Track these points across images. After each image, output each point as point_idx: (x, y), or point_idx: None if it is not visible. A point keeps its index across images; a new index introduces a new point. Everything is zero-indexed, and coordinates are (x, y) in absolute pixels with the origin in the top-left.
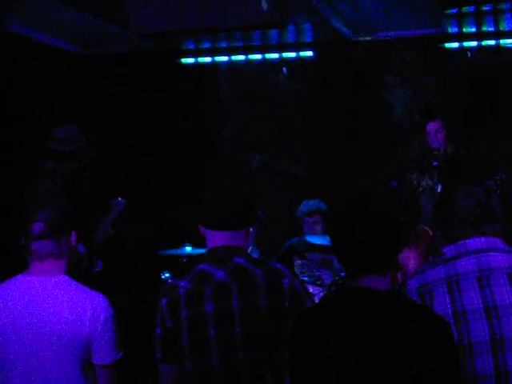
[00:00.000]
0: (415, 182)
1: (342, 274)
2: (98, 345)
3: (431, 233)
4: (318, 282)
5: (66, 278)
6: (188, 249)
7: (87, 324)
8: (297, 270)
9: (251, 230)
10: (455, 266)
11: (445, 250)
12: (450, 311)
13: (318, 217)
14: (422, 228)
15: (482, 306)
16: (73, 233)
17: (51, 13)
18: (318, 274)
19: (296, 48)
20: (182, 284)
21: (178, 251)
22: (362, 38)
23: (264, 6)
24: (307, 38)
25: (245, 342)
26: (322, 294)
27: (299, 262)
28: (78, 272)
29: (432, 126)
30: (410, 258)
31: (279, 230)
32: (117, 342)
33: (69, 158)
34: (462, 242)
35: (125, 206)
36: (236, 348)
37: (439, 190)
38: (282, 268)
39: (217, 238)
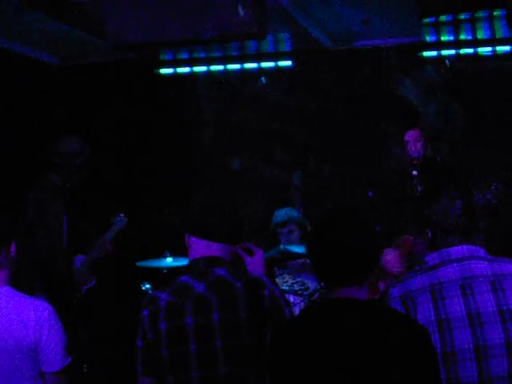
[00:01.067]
0: (395, 191)
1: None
2: (45, 353)
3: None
4: (302, 288)
5: (8, 288)
6: (168, 260)
7: (32, 333)
8: (278, 281)
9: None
10: (438, 275)
11: (427, 258)
12: (433, 319)
13: (292, 225)
14: (406, 238)
15: (465, 313)
16: (12, 244)
17: (30, 24)
18: (299, 279)
19: (275, 57)
20: (163, 296)
21: (159, 262)
22: (340, 47)
23: (241, 12)
24: (286, 47)
25: (225, 355)
26: (302, 303)
27: (279, 271)
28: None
29: (410, 135)
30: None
31: (259, 237)
32: (64, 348)
33: (74, 172)
34: (445, 250)
35: (125, 224)
36: (217, 362)
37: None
38: (262, 278)
39: (202, 249)
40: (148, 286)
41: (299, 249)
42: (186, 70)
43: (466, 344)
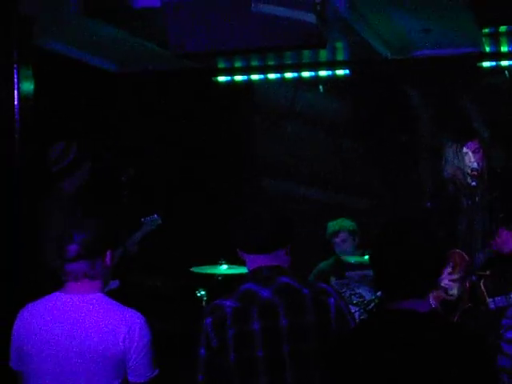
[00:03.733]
0: (452, 202)
1: (378, 293)
2: (133, 363)
3: (467, 257)
4: (359, 300)
5: (102, 296)
6: (224, 267)
7: (122, 342)
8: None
9: (289, 248)
10: None
11: None
12: None
13: (344, 234)
14: (457, 253)
15: None
16: (108, 253)
17: (90, 31)
18: (358, 291)
19: (331, 66)
20: (228, 303)
21: (214, 269)
22: (398, 57)
23: (282, 36)
24: (343, 56)
25: (292, 361)
26: (357, 313)
27: (337, 281)
28: None
29: (470, 146)
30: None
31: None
32: (152, 359)
33: (63, 176)
34: None
35: (158, 225)
36: (284, 367)
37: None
38: (327, 287)
39: (258, 261)
40: (203, 292)
41: (354, 258)
42: (243, 77)
43: None
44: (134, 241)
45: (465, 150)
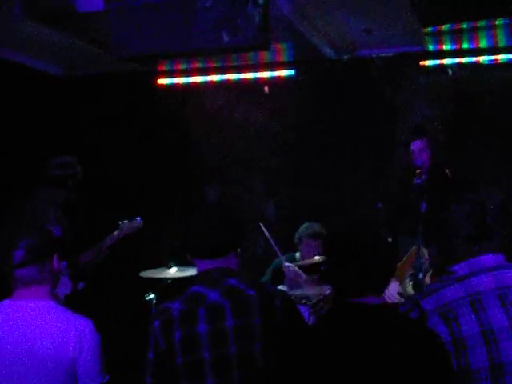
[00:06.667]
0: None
1: (327, 291)
2: (84, 369)
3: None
4: (307, 300)
5: (51, 302)
6: (173, 270)
7: (72, 349)
8: (285, 285)
9: (239, 250)
10: (472, 284)
11: (455, 268)
12: (477, 330)
13: (321, 241)
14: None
15: (507, 323)
16: (54, 257)
17: (33, 35)
18: (307, 293)
19: (277, 67)
20: (175, 306)
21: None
22: (342, 57)
23: (225, 38)
24: (288, 56)
25: (239, 362)
26: (306, 313)
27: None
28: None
29: (416, 145)
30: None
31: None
32: (102, 365)
33: (67, 181)
34: (474, 259)
35: (139, 228)
36: (231, 368)
37: (423, 208)
38: (274, 289)
39: (206, 264)
40: (152, 296)
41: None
42: (187, 80)
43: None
44: (105, 243)
45: (411, 148)
